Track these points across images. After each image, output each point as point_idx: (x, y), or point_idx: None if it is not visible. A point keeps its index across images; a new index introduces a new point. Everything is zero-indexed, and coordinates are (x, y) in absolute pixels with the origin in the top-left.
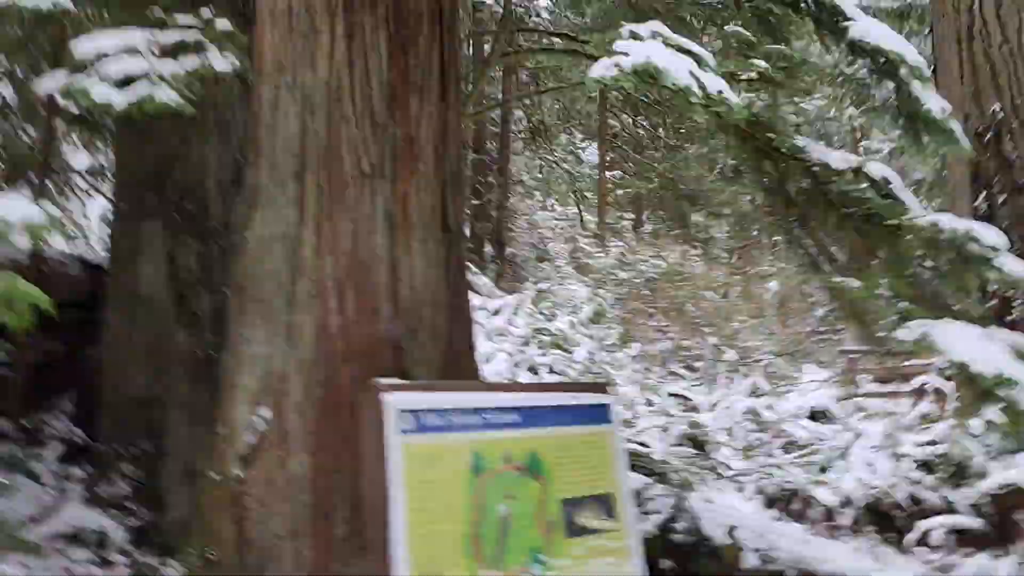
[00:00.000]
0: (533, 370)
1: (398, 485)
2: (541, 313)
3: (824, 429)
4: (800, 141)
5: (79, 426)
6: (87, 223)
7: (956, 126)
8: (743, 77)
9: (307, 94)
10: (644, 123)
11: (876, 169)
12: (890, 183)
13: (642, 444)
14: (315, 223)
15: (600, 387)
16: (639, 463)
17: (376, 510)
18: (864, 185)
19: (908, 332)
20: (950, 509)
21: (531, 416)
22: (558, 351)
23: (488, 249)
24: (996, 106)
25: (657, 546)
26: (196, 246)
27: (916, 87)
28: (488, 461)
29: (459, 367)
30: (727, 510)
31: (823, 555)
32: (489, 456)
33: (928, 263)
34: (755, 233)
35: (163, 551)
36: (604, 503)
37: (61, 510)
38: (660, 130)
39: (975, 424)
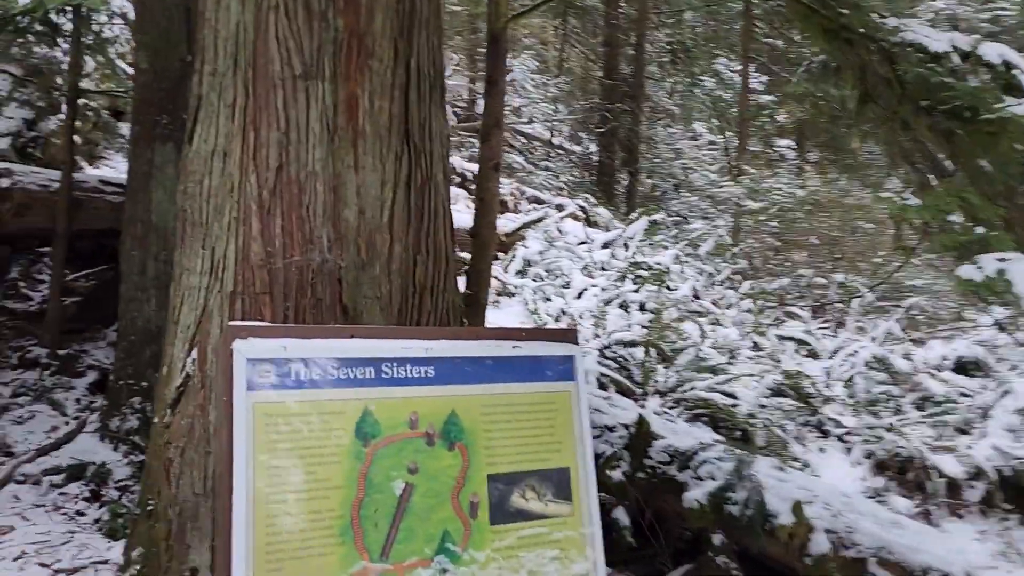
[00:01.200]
0: (624, 307)
1: (242, 454)
2: (650, 245)
3: (971, 384)
4: (893, 21)
5: None
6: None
7: None
8: None
9: None
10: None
11: (993, 52)
12: (1014, 68)
13: (728, 395)
14: (241, 134)
15: (566, 335)
16: (717, 416)
17: (222, 485)
18: (986, 76)
19: (976, 269)
20: None
21: (453, 370)
22: (656, 286)
23: (621, 179)
24: None
25: (708, 517)
26: None
27: None
28: (384, 425)
29: (423, 306)
30: (803, 480)
31: (919, 543)
32: (386, 419)
33: None
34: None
35: None
36: (554, 481)
37: (72, 442)
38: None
39: None
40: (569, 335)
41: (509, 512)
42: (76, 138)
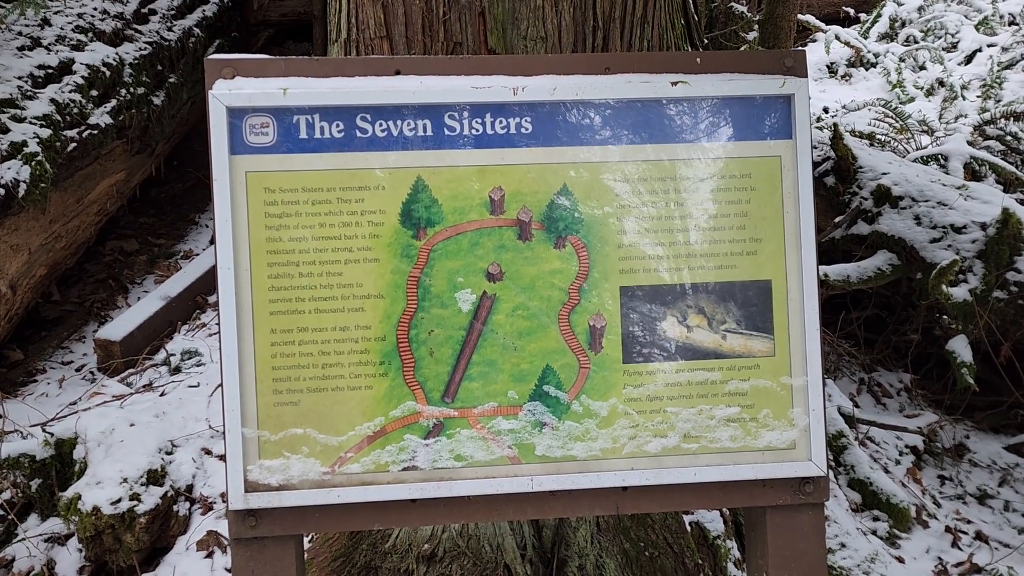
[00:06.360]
0: None
1: (227, 242)
2: None
3: None
4: None
5: None
6: None
7: None
8: None
9: None
10: None
11: None
12: None
13: None
14: None
15: (780, 59)
16: None
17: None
18: None
19: None
20: None
21: (564, 121)
22: None
23: None
24: None
25: None
26: None
27: None
28: (447, 207)
29: (610, 48)
30: None
31: None
32: (451, 197)
33: None
34: None
35: None
36: (740, 301)
37: None
38: None
39: None
40: (787, 60)
41: (657, 345)
42: None
